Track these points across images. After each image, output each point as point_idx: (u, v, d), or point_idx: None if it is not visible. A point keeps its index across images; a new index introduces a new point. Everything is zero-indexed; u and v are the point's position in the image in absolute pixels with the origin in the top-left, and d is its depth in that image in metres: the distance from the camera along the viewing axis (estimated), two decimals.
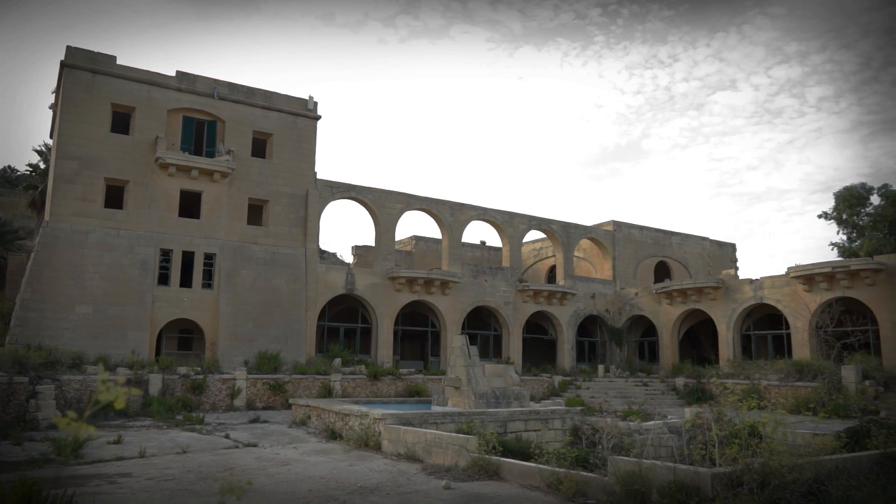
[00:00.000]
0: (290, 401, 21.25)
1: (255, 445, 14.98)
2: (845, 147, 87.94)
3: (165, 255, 26.67)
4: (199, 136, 28.57)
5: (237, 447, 14.76)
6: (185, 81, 28.06)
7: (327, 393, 25.62)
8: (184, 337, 27.98)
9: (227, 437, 16.35)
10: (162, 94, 27.41)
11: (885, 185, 41.43)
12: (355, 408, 16.55)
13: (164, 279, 26.46)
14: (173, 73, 27.82)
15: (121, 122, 27.07)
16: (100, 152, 25.80)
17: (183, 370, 23.48)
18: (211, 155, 28.28)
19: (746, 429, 8.61)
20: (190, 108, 28.19)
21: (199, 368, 24.11)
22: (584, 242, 41.32)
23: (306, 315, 29.03)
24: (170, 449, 14.07)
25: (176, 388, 22.80)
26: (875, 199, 41.98)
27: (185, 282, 26.90)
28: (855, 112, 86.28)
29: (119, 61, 26.75)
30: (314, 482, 10.57)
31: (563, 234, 38.47)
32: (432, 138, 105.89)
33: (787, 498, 7.29)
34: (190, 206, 27.91)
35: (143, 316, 25.23)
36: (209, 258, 27.53)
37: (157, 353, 26.20)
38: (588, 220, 59.17)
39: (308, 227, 29.93)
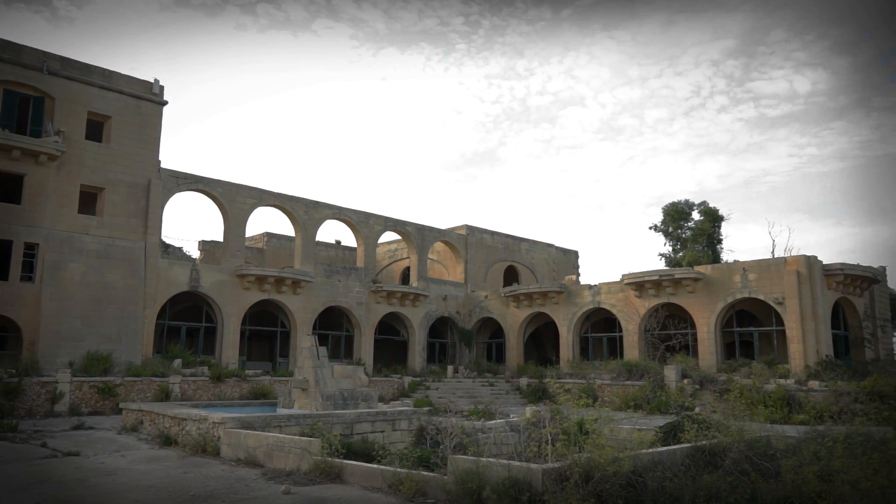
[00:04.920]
0: (121, 405, 19.72)
1: (76, 454, 13.73)
2: (676, 166, 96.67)
3: None
4: (24, 112, 25.76)
5: (55, 456, 13.45)
6: (8, 51, 25.23)
7: (165, 396, 24.10)
8: None
9: (43, 445, 14.86)
10: None
11: (704, 203, 46.06)
12: (193, 411, 15.67)
13: None
14: None
15: None
16: None
17: None
18: (37, 134, 25.60)
19: (576, 426, 9.15)
20: (13, 82, 25.37)
21: (14, 370, 21.74)
22: (439, 245, 42.12)
23: (144, 313, 27.12)
24: None
25: None
26: (696, 215, 46.46)
27: (1, 274, 24.15)
28: (685, 135, 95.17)
29: None
30: (142, 492, 9.89)
31: (417, 236, 38.96)
32: (289, 133, 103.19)
33: (608, 489, 7.83)
34: (9, 189, 25.10)
35: None
36: (31, 248, 24.90)
37: None
38: (444, 223, 60.34)
39: (149, 218, 27.99)
